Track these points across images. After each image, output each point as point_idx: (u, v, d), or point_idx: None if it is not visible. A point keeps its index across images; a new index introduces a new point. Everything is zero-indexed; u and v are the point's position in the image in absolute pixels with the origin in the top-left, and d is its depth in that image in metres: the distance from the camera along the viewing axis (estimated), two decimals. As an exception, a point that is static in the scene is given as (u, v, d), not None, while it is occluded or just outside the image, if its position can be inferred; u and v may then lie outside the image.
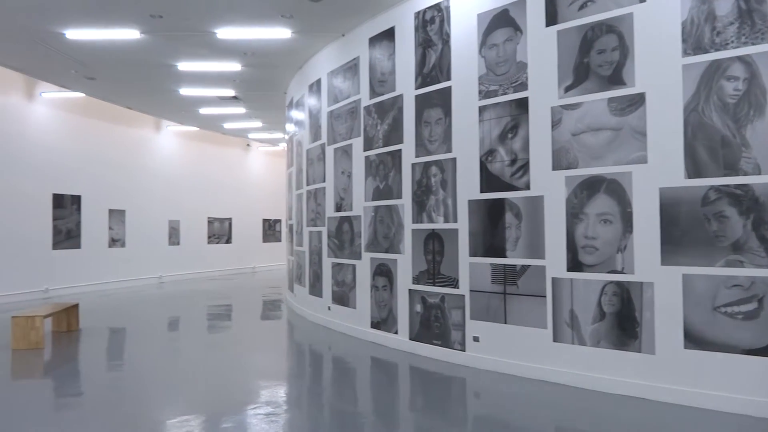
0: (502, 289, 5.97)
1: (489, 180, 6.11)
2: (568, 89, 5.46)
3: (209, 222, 19.13)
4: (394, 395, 5.60)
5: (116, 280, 14.96)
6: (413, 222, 7.02)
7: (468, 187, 6.32)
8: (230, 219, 20.03)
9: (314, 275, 9.60)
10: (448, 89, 6.56)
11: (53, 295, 12.72)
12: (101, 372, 6.55)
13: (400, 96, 7.23)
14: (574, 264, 5.39)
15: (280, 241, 22.04)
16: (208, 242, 19.11)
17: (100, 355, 7.35)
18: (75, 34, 8.75)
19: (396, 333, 7.27)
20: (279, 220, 22.20)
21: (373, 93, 7.76)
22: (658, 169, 4.92)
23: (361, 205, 8.02)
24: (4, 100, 11.87)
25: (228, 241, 19.96)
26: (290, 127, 12.02)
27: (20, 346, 7.29)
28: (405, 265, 7.14)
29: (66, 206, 13.52)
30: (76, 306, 8.80)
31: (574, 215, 5.41)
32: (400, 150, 7.23)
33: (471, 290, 6.27)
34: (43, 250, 12.82)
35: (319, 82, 9.44)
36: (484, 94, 6.16)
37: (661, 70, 4.92)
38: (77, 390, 5.73)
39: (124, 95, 13.57)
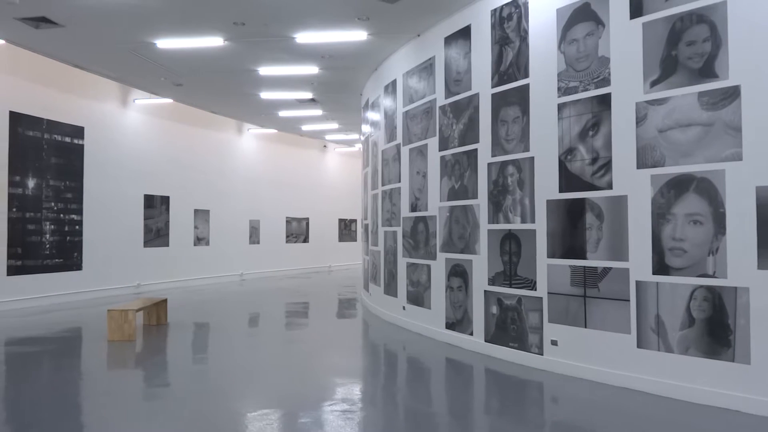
0: (582, 292, 5.78)
1: (568, 179, 5.93)
2: (654, 84, 5.21)
3: (287, 221, 19.68)
4: (470, 397, 5.54)
5: (201, 276, 15.68)
6: (489, 222, 6.92)
7: (546, 186, 6.16)
8: (307, 219, 20.52)
9: (389, 275, 9.66)
10: (526, 87, 6.42)
11: (144, 291, 13.49)
12: (187, 364, 6.88)
13: (476, 95, 7.15)
14: (661, 267, 5.14)
15: (355, 240, 22.35)
16: (287, 241, 19.65)
17: (186, 348, 7.72)
18: (165, 43, 9.27)
19: (471, 334, 7.20)
20: (355, 220, 22.51)
21: (449, 92, 7.71)
22: (755, 167, 4.60)
23: (436, 205, 8.00)
24: (102, 107, 12.73)
25: (305, 240, 20.45)
26: (366, 128, 12.16)
27: (115, 337, 7.77)
28: (480, 265, 7.05)
29: (156, 206, 14.31)
30: (164, 301, 9.28)
31: (660, 216, 5.15)
32: (476, 149, 7.15)
33: (549, 292, 6.11)
34: (136, 247, 13.64)
35: (394, 82, 9.49)
36: (563, 91, 5.99)
37: (758, 60, 4.60)
38: (165, 381, 6.04)
39: (209, 100, 14.21)
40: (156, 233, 14.29)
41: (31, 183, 10.99)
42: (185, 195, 15.28)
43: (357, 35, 8.81)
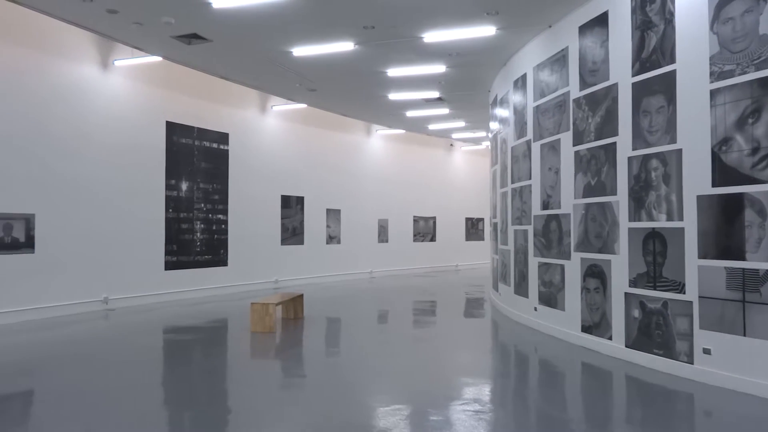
0: (740, 297, 5.22)
1: (723, 172, 5.39)
2: (830, 62, 4.58)
3: (415, 220, 19.87)
4: (609, 405, 5.23)
5: (333, 273, 16.30)
6: (630, 220, 6.48)
7: (697, 181, 5.64)
8: (434, 218, 20.58)
9: (520, 275, 9.40)
10: (672, 73, 5.93)
11: (281, 286, 14.29)
12: (321, 357, 7.16)
13: (615, 85, 6.73)
14: (839, 270, 4.50)
15: (482, 239, 22.06)
16: (414, 240, 19.85)
17: (320, 342, 8.05)
18: (300, 51, 9.74)
19: (610, 339, 6.79)
20: (482, 219, 22.22)
21: (584, 84, 7.34)
22: None
23: (570, 202, 7.65)
24: (244, 114, 13.68)
25: (432, 239, 20.52)
26: (494, 125, 11.94)
27: (257, 329, 8.29)
28: (620, 266, 6.63)
29: (291, 206, 15.10)
30: (301, 296, 9.75)
31: (838, 212, 4.52)
32: (614, 143, 6.74)
33: (700, 296, 5.59)
34: (274, 245, 14.49)
35: (524, 77, 9.21)
36: (716, 76, 5.45)
37: None
38: (302, 372, 6.33)
39: (340, 103, 14.73)
40: (292, 232, 15.08)
41: (184, 186, 12.06)
42: (318, 195, 15.97)
43: (485, 30, 8.66)
